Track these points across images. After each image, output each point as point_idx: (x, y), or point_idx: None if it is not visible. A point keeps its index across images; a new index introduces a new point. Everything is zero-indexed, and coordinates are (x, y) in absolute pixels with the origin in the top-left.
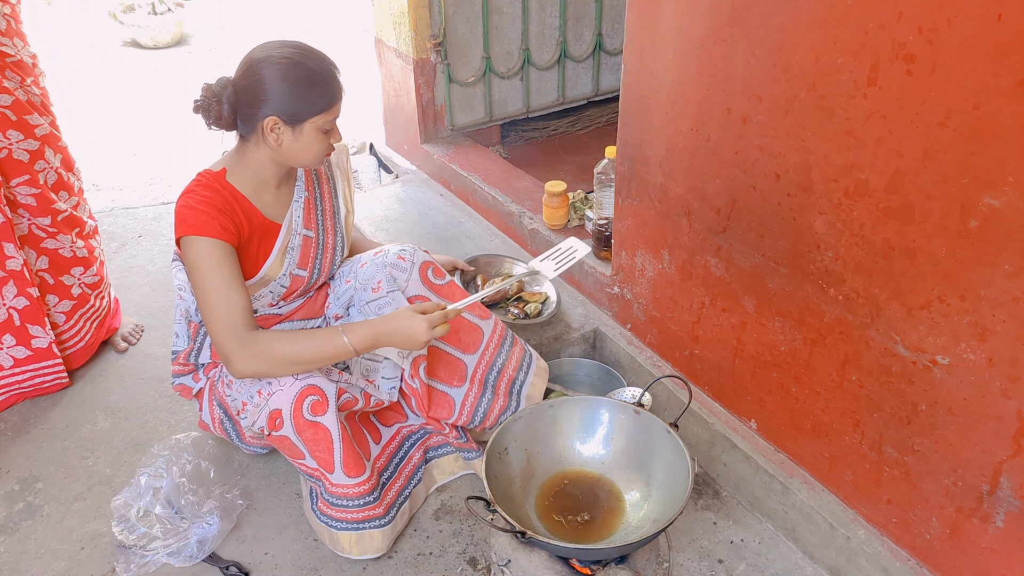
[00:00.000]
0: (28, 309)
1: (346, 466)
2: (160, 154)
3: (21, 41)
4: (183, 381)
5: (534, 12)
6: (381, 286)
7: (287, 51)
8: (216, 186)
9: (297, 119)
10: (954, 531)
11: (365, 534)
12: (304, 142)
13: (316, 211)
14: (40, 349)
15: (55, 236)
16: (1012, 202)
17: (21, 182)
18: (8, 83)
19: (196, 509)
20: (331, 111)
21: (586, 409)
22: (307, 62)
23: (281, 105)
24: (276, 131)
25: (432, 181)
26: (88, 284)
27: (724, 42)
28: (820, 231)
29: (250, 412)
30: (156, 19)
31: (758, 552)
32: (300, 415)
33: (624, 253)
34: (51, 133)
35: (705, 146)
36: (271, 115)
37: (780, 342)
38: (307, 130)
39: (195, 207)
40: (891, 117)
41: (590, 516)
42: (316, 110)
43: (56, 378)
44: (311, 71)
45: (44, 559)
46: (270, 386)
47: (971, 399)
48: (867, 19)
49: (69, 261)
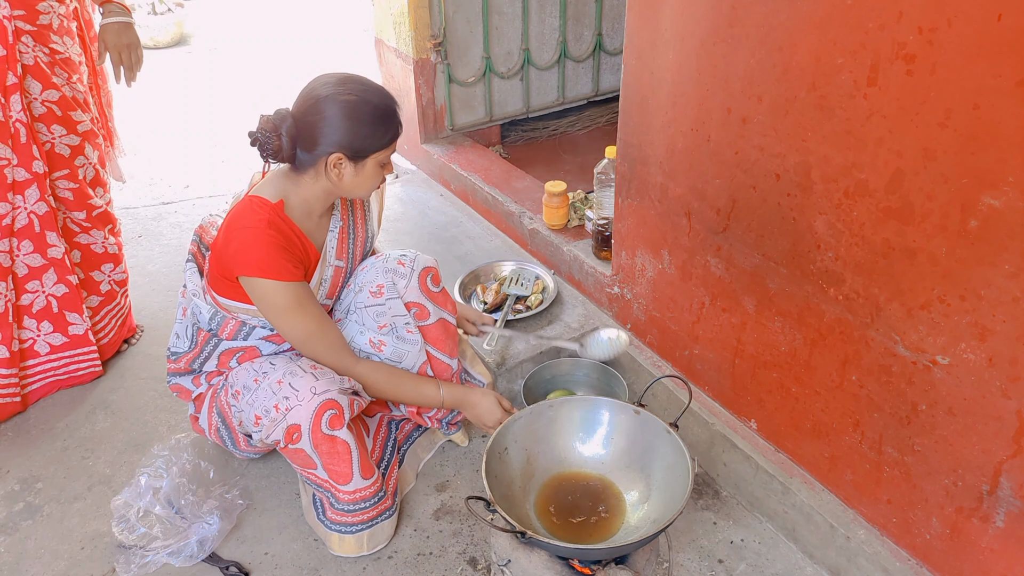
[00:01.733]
0: (67, 296)
1: (363, 469)
2: (160, 154)
3: (70, 39)
4: (180, 382)
5: (534, 12)
6: (383, 291)
7: (351, 87)
8: (279, 223)
9: (361, 155)
10: (954, 531)
11: (377, 528)
12: (364, 176)
13: (348, 240)
14: (77, 336)
15: (88, 231)
16: (1012, 202)
17: (61, 176)
18: (56, 79)
19: (196, 509)
20: (392, 146)
21: (586, 409)
22: (372, 99)
23: (347, 142)
24: (339, 167)
25: (432, 181)
26: (117, 281)
27: (724, 42)
28: (820, 231)
29: (265, 426)
30: (156, 19)
31: (758, 552)
32: (319, 430)
33: (624, 253)
34: (91, 130)
35: (705, 146)
36: (335, 151)
37: (780, 342)
38: (369, 165)
39: (264, 248)
40: (891, 117)
41: (590, 516)
42: (380, 146)
43: (91, 366)
44: (376, 108)
45: (44, 559)
46: (287, 401)
47: (971, 399)
48: (867, 19)
49: (100, 257)
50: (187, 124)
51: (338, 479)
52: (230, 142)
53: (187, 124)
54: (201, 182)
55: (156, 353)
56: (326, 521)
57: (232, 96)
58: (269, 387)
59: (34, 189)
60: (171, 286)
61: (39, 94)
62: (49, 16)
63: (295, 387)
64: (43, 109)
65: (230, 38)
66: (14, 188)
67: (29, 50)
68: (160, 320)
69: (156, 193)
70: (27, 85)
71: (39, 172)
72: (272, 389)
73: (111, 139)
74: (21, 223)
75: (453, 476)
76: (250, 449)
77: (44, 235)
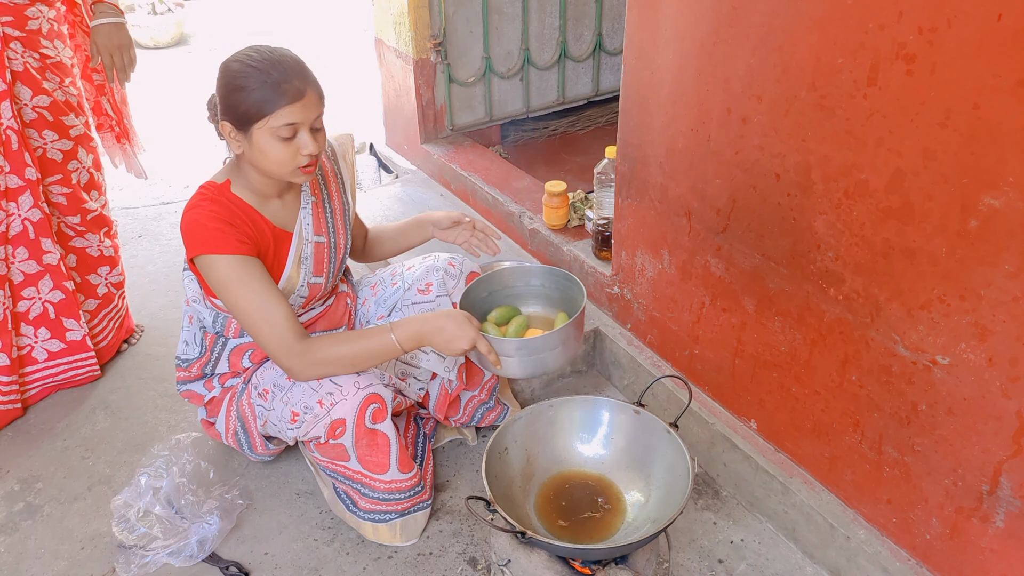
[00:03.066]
0: (63, 303)
1: (401, 464)
2: (160, 154)
3: (61, 43)
4: (192, 388)
5: (534, 12)
6: (431, 289)
7: (242, 54)
8: (221, 199)
9: (243, 123)
10: (954, 531)
11: (410, 519)
12: (259, 149)
13: (325, 214)
14: (74, 342)
15: (84, 235)
16: (1012, 202)
17: (54, 181)
18: (48, 84)
19: (196, 509)
20: (275, 115)
21: (586, 409)
22: (251, 62)
23: (224, 108)
24: (234, 137)
25: (432, 181)
26: (114, 283)
27: (724, 42)
28: (820, 231)
29: (306, 422)
30: (156, 19)
31: (758, 552)
32: (362, 423)
33: (624, 253)
34: (85, 134)
35: (705, 146)
36: (221, 119)
37: (780, 342)
38: (257, 135)
39: (204, 223)
40: (891, 117)
41: (590, 516)
42: (259, 112)
43: (89, 370)
44: (253, 71)
45: (44, 559)
46: (332, 396)
47: (971, 399)
48: (867, 19)
49: (96, 260)
50: (187, 124)
51: (375, 469)
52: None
53: (187, 124)
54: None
55: (156, 353)
56: (358, 512)
57: None
58: (308, 383)
59: (27, 196)
60: (171, 286)
61: (29, 100)
62: (39, 21)
63: (337, 382)
64: (34, 115)
65: (230, 38)
66: (7, 195)
67: (18, 56)
68: (160, 320)
69: (156, 193)
70: (17, 91)
71: (32, 179)
72: (311, 385)
73: (128, 137)
74: (15, 230)
75: (453, 476)
76: (265, 452)
77: (39, 241)
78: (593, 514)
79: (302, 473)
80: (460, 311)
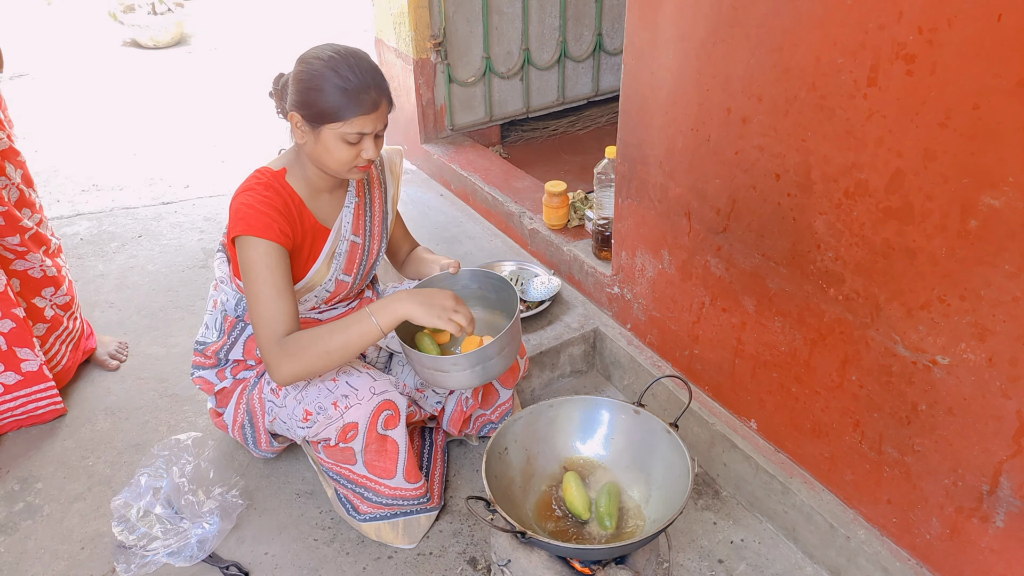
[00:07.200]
0: (14, 332)
1: (407, 474)
2: (160, 154)
3: None
4: (204, 375)
5: (534, 12)
6: None
7: (330, 51)
8: (276, 186)
9: (315, 121)
10: (954, 531)
11: (413, 520)
12: (323, 146)
13: (365, 217)
14: (31, 372)
15: (24, 256)
16: (1012, 202)
17: None
18: None
19: (196, 509)
20: (349, 123)
21: (586, 409)
22: (340, 68)
23: (300, 102)
24: (301, 128)
25: (432, 181)
26: (60, 305)
27: (724, 42)
28: (820, 231)
29: (318, 422)
30: (156, 19)
31: (758, 552)
32: (374, 429)
33: (624, 253)
34: (10, 148)
35: (705, 146)
36: (292, 110)
37: (780, 342)
38: (326, 135)
39: (256, 207)
40: (891, 117)
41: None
42: (335, 117)
43: (51, 403)
44: (340, 77)
45: (44, 559)
46: (347, 399)
47: (971, 399)
48: (867, 19)
49: (39, 281)
50: (187, 124)
51: (380, 474)
52: (230, 142)
53: (187, 124)
54: (201, 182)
55: (156, 353)
56: (358, 516)
57: (232, 96)
58: (323, 384)
59: None
60: (171, 286)
61: None
62: None
63: (354, 386)
64: None
65: (230, 38)
66: None
67: None
68: (160, 320)
69: (156, 193)
70: None
71: None
72: (328, 386)
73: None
74: None
75: (453, 476)
76: (268, 449)
77: None
78: None
79: (302, 473)
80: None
